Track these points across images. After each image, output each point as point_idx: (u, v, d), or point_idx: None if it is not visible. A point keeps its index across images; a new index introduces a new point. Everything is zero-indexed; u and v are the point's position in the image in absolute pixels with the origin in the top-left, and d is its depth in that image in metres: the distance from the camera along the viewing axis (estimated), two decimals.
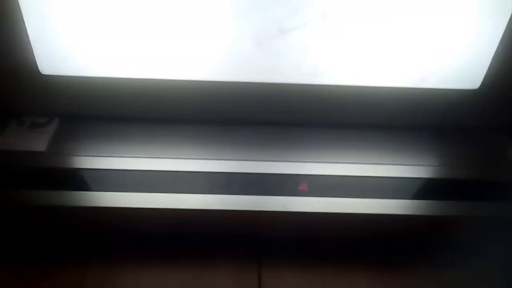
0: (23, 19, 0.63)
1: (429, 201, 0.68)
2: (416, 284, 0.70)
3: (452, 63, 0.68)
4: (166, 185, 0.68)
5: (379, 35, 0.65)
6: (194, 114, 0.75)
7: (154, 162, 0.70)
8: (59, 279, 0.68)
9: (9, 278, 0.68)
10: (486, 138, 0.77)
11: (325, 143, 0.75)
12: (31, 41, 0.65)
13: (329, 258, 0.72)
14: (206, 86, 0.70)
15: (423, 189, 0.69)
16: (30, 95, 0.72)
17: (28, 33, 0.64)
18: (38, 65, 0.67)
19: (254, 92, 0.71)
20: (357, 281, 0.70)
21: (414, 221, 0.68)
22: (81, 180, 0.68)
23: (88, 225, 0.70)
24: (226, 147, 0.73)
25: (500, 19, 0.63)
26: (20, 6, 0.61)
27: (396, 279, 0.70)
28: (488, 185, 0.71)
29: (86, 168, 0.70)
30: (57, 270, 0.69)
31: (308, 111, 0.74)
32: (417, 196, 0.69)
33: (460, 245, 0.72)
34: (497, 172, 0.72)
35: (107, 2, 0.62)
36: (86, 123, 0.75)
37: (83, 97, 0.73)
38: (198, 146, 0.73)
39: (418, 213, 0.67)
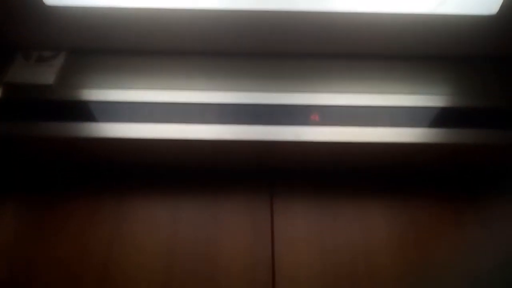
0: None
1: (443, 129, 0.67)
2: (428, 213, 0.70)
3: None
4: (178, 116, 0.67)
5: None
6: (204, 46, 0.73)
7: (165, 94, 0.69)
8: (71, 211, 0.69)
9: (21, 208, 0.69)
10: (502, 67, 0.75)
11: (336, 73, 0.73)
12: None
13: (341, 189, 0.72)
14: (217, 16, 0.68)
15: (437, 118, 0.69)
16: (36, 27, 0.71)
17: None
18: None
19: (265, 21, 0.69)
20: (370, 211, 0.70)
21: (426, 149, 0.67)
22: (90, 112, 0.68)
23: (99, 156, 0.70)
24: (237, 78, 0.72)
25: None
26: None
27: (409, 208, 0.70)
28: (503, 113, 0.69)
29: (95, 100, 0.69)
30: (69, 202, 0.69)
31: (319, 40, 0.72)
32: (430, 124, 0.68)
33: (472, 173, 0.72)
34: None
35: None
36: (94, 56, 0.74)
37: (90, 29, 0.71)
38: (209, 77, 0.72)
39: (431, 141, 0.66)
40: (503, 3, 0.66)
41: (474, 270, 0.65)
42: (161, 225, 0.68)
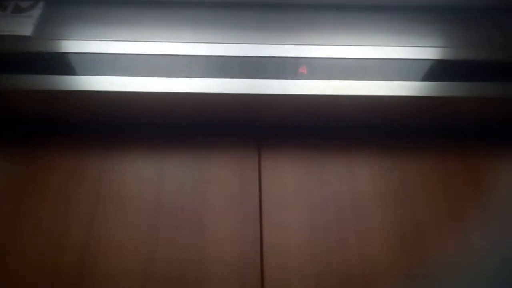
0: None
1: (434, 83, 0.66)
2: (417, 169, 0.70)
3: None
4: (161, 69, 0.65)
5: None
6: None
7: (148, 46, 0.67)
8: (54, 165, 0.67)
9: (1, 163, 0.67)
10: (495, 18, 0.73)
11: (326, 25, 0.71)
12: None
13: (330, 144, 0.71)
14: None
15: (429, 71, 0.67)
16: None
17: None
18: None
19: None
20: (358, 166, 0.70)
21: (416, 102, 0.66)
22: (71, 64, 0.65)
23: (81, 110, 0.68)
24: (223, 30, 0.70)
25: None
26: None
27: (398, 163, 0.70)
28: (495, 66, 0.68)
29: (76, 52, 0.66)
30: (52, 157, 0.68)
31: None
32: (422, 77, 0.66)
33: (462, 129, 0.71)
34: (504, 53, 0.69)
35: None
36: (74, 5, 0.71)
37: None
38: (194, 29, 0.70)
39: (421, 94, 0.65)
40: None
41: (464, 226, 0.66)
42: (146, 180, 0.67)
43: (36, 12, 0.69)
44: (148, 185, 0.66)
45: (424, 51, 0.68)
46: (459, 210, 0.67)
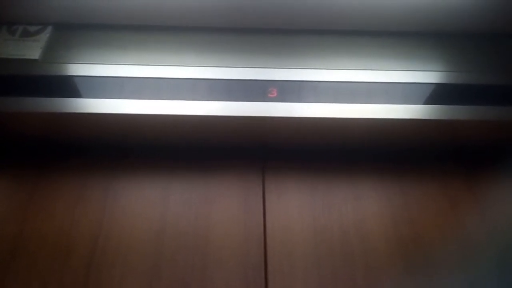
0: None
1: (431, 106, 0.67)
2: (421, 191, 0.70)
3: None
4: (165, 92, 0.66)
5: None
6: (194, 21, 0.72)
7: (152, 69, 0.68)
8: (60, 187, 0.67)
9: (9, 185, 0.67)
10: (496, 43, 0.74)
11: (330, 48, 0.72)
12: None
13: (333, 166, 0.71)
14: None
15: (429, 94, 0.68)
16: (21, 1, 0.69)
17: None
18: None
19: None
20: (362, 188, 0.70)
21: (419, 125, 0.67)
22: (77, 87, 0.66)
23: (88, 133, 0.68)
24: (228, 53, 0.71)
25: None
26: None
27: (402, 185, 0.70)
28: (498, 90, 0.69)
29: (82, 75, 0.67)
30: (58, 178, 0.68)
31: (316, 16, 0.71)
32: (425, 100, 0.67)
33: (466, 151, 0.71)
34: (507, 77, 0.70)
35: None
36: (81, 30, 0.72)
37: (76, 3, 0.69)
38: (197, 53, 0.70)
39: (424, 117, 0.66)
40: None
41: (467, 248, 0.65)
42: (151, 202, 0.67)
43: (44, 36, 0.70)
44: (153, 207, 0.66)
45: (422, 75, 0.69)
46: (463, 231, 0.67)
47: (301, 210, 0.67)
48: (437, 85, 0.69)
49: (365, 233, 0.66)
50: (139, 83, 0.66)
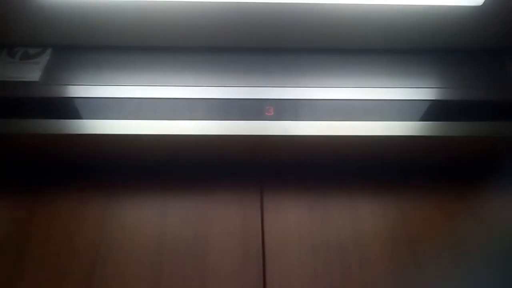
0: None
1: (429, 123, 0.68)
2: (419, 208, 0.70)
3: None
4: (163, 112, 0.67)
5: None
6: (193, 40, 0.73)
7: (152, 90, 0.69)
8: (58, 208, 0.68)
9: (7, 207, 0.68)
10: (489, 58, 0.75)
11: (326, 67, 0.73)
12: None
13: (331, 184, 0.72)
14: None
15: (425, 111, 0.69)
16: (21, 24, 0.70)
17: None
18: None
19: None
20: (360, 206, 0.70)
21: (418, 141, 0.67)
22: (77, 109, 0.67)
23: (86, 153, 0.69)
24: (227, 73, 0.72)
25: None
26: None
27: (399, 203, 0.70)
28: (493, 106, 0.70)
29: (82, 97, 0.68)
30: (56, 200, 0.68)
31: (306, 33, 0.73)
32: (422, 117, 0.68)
33: (462, 167, 0.72)
34: (501, 93, 0.71)
35: None
36: (81, 52, 0.73)
37: (76, 25, 0.70)
38: (199, 72, 0.72)
39: (422, 133, 0.67)
40: None
41: (466, 265, 0.65)
42: (149, 222, 0.67)
43: (44, 58, 0.71)
44: (151, 226, 0.67)
45: (417, 92, 0.70)
46: (461, 248, 0.67)
47: (299, 227, 0.68)
48: (433, 101, 0.70)
49: (363, 250, 0.66)
50: (137, 103, 0.67)
